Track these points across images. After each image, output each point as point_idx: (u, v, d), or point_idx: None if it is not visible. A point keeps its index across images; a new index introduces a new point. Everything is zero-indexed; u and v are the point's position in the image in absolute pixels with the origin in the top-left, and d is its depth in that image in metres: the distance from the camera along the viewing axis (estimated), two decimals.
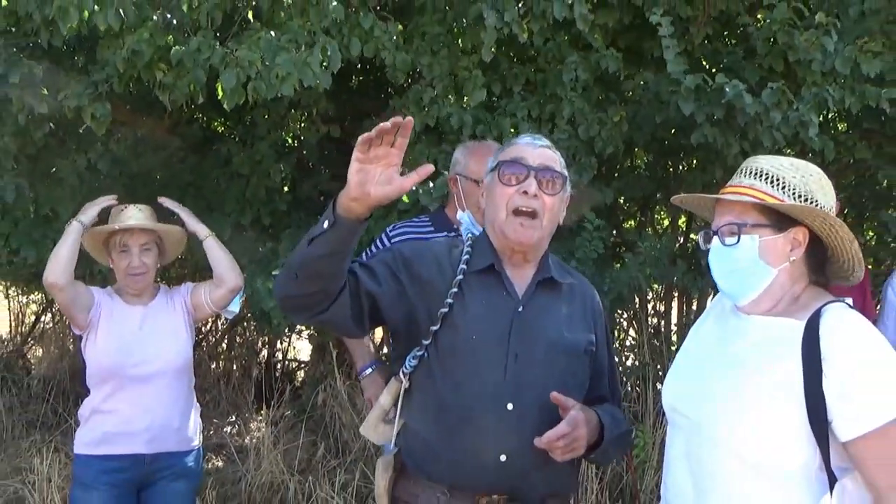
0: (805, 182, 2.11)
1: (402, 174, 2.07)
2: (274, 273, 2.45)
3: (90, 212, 3.59)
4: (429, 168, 2.06)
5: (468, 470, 2.33)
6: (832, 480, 1.94)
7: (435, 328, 2.36)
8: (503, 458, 2.32)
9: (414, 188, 4.56)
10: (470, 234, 2.61)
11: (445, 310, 2.37)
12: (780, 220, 2.10)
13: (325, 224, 2.08)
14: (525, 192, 2.41)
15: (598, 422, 2.41)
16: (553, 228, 2.51)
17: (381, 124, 1.96)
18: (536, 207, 2.42)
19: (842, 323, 1.99)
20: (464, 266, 2.44)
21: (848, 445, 1.93)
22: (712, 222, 2.26)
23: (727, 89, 4.48)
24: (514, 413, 2.33)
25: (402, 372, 2.43)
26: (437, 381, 2.37)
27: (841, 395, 1.91)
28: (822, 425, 1.92)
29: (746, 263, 2.12)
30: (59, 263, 3.45)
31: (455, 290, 2.39)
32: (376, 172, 2.02)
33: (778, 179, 2.11)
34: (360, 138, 1.99)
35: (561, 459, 2.29)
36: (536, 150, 2.50)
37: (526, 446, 2.27)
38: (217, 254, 3.73)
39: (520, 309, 2.45)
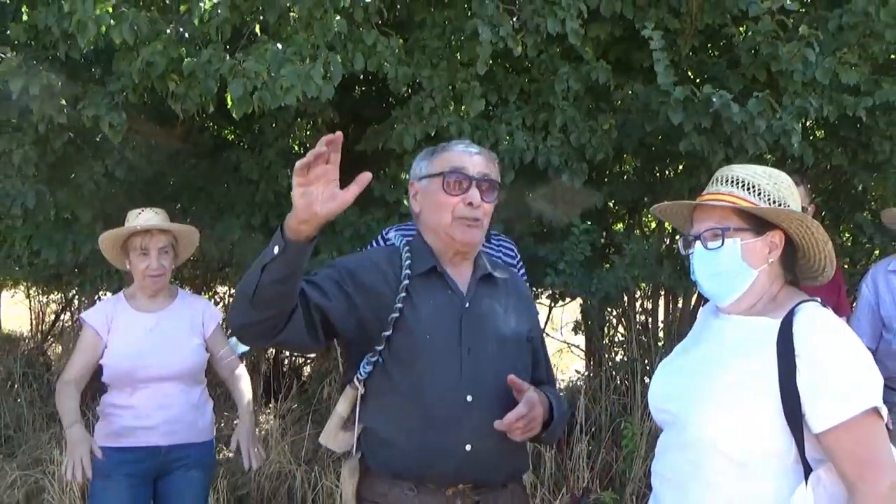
0: (777, 188, 2.16)
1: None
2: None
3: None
4: (367, 176, 2.03)
5: (436, 464, 2.33)
6: (807, 471, 1.96)
7: (387, 333, 2.35)
8: (468, 448, 2.33)
9: None
10: (405, 240, 2.59)
11: (396, 314, 2.36)
12: (758, 223, 2.14)
13: (276, 250, 2.04)
14: (470, 203, 2.42)
15: (548, 402, 2.45)
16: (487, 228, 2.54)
17: (316, 149, 1.95)
18: (479, 216, 2.44)
19: (815, 321, 2.02)
20: (407, 271, 2.43)
21: (820, 437, 1.95)
22: (686, 231, 2.30)
23: (714, 99, 4.50)
24: (473, 404, 2.34)
25: (357, 378, 2.40)
26: (396, 382, 2.36)
27: (813, 390, 1.94)
28: (797, 418, 1.95)
29: (730, 265, 2.15)
30: None
31: (403, 294, 2.38)
32: (319, 192, 1.99)
33: (754, 186, 2.15)
34: (297, 165, 1.96)
35: (520, 439, 2.32)
36: (473, 157, 2.50)
37: (488, 434, 2.30)
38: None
39: (466, 305, 2.46)
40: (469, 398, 2.35)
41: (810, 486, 1.94)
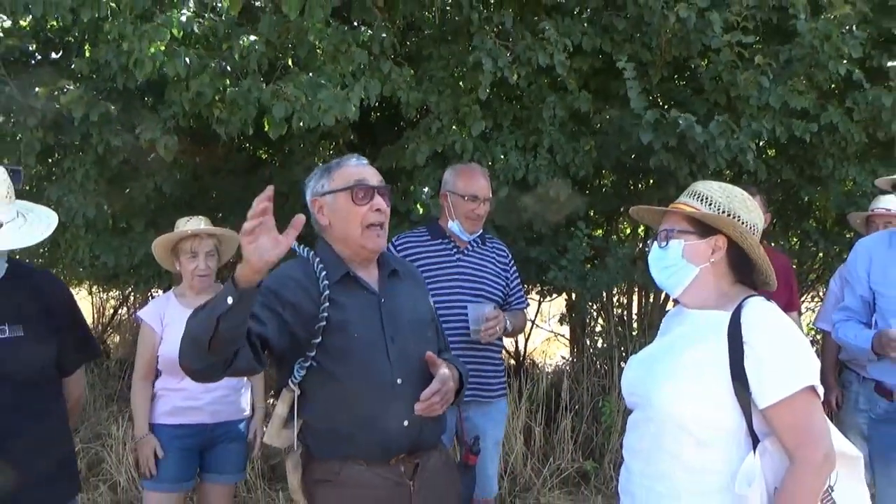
0: (729, 201, 2.18)
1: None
2: None
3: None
4: (301, 219, 2.02)
5: (381, 441, 2.35)
6: (755, 442, 1.99)
7: (316, 340, 2.32)
8: (406, 423, 2.37)
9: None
10: (312, 252, 2.50)
11: (323, 323, 2.33)
12: (703, 228, 2.18)
13: (230, 300, 1.96)
14: (378, 210, 2.44)
15: (457, 372, 2.51)
16: None
17: (259, 209, 1.95)
18: (384, 220, 2.47)
19: (760, 312, 2.06)
20: (325, 281, 2.39)
21: (765, 412, 1.98)
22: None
23: (681, 121, 4.55)
24: (403, 386, 2.38)
25: (292, 382, 2.35)
26: (335, 379, 2.34)
27: (758, 371, 1.97)
28: (745, 396, 1.98)
29: (672, 262, 2.21)
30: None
31: (326, 303, 2.35)
32: (265, 242, 1.97)
33: (707, 198, 2.19)
34: (246, 227, 1.93)
35: (441, 412, 2.37)
36: (367, 169, 2.52)
37: None
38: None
39: (382, 301, 2.47)
40: (399, 381, 2.38)
41: (758, 455, 1.97)
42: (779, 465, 1.99)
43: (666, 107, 4.91)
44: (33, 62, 5.41)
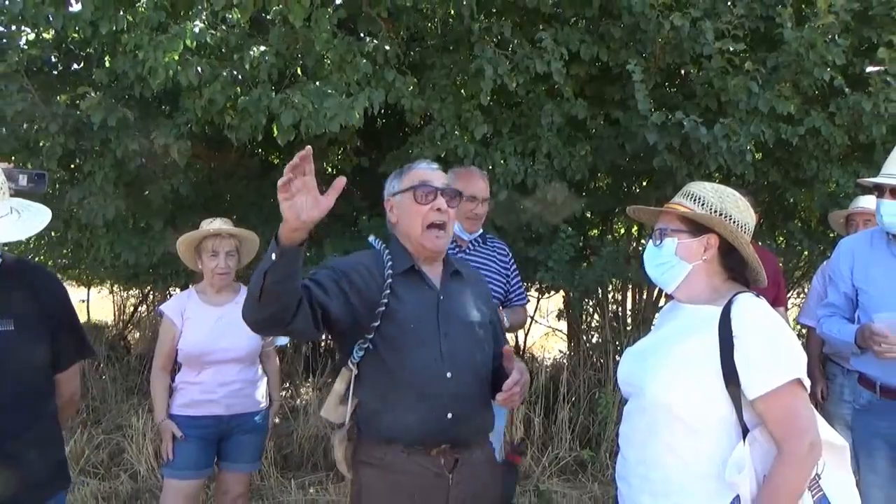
0: (721, 201, 2.17)
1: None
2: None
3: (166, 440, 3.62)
4: (342, 181, 1.96)
5: (424, 430, 2.34)
6: (745, 431, 1.98)
7: (375, 324, 2.34)
8: (449, 416, 2.36)
9: None
10: (384, 246, 2.54)
11: (383, 308, 2.35)
12: (695, 227, 2.18)
13: (273, 256, 1.98)
14: (439, 209, 2.44)
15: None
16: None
17: (290, 164, 1.91)
18: (446, 220, 2.46)
19: (749, 308, 2.05)
20: (389, 271, 2.42)
21: (753, 403, 1.98)
22: None
23: (685, 123, 4.56)
24: (452, 380, 2.37)
25: (351, 362, 2.38)
26: (387, 364, 2.35)
27: (747, 364, 1.97)
28: (735, 387, 1.98)
29: (666, 259, 2.21)
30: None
31: (388, 291, 2.37)
32: (302, 202, 1.93)
33: (699, 198, 2.19)
34: (279, 184, 1.91)
35: (520, 402, 2.35)
36: (435, 172, 2.53)
37: (465, 403, 2.37)
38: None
39: (441, 298, 2.47)
40: (448, 374, 2.37)
41: (747, 444, 1.96)
42: (767, 454, 1.98)
43: (658, 112, 4.89)
44: (55, 72, 5.42)
